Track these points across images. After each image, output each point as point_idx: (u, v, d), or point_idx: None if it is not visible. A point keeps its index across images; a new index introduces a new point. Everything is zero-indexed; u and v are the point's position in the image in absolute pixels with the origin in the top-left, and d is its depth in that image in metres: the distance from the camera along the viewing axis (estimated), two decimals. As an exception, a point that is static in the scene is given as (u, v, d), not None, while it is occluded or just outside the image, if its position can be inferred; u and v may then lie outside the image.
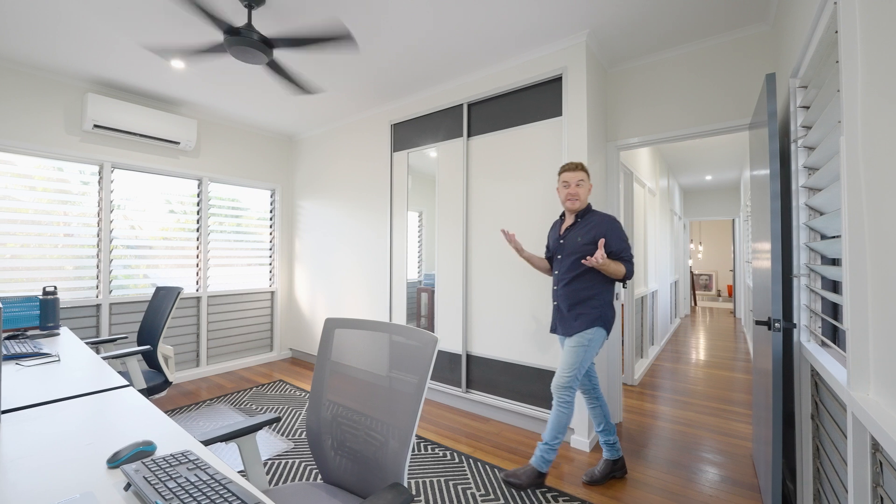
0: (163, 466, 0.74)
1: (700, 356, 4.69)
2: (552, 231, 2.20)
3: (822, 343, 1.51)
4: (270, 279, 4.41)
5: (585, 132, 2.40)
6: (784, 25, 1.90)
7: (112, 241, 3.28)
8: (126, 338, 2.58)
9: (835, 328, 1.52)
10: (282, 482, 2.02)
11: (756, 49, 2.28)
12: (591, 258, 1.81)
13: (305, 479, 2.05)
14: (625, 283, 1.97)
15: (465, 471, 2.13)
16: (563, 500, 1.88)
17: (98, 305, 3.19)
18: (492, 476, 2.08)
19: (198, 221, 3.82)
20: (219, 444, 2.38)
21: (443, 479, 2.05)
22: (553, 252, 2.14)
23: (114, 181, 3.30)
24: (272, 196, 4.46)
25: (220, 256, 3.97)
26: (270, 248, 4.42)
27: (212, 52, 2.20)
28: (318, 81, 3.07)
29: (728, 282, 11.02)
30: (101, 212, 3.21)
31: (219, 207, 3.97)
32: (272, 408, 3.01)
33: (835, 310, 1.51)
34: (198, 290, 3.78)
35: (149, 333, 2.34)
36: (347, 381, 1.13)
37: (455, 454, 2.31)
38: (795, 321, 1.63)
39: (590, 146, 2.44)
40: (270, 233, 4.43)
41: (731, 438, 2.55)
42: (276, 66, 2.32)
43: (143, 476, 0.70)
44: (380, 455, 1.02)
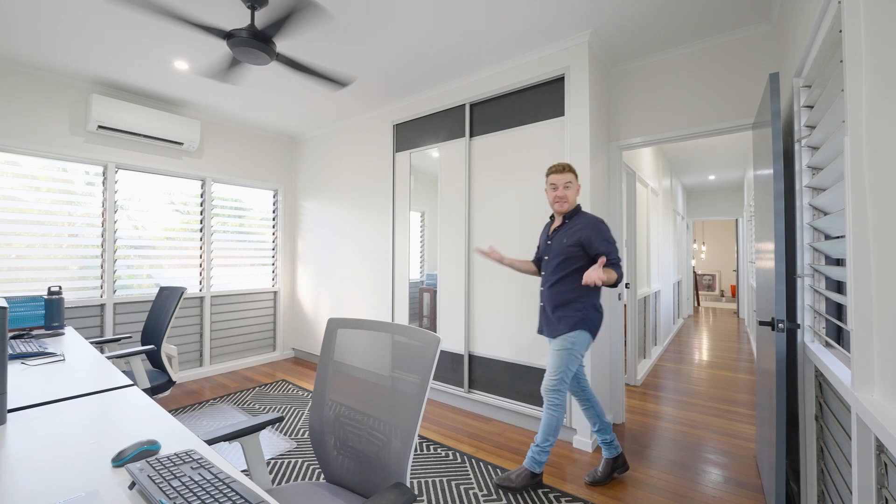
0: (167, 465, 0.74)
1: (703, 356, 4.68)
2: (542, 232, 2.20)
3: (826, 344, 1.50)
4: (273, 279, 4.42)
5: (588, 132, 2.40)
6: (787, 25, 1.89)
7: (116, 242, 3.30)
8: (130, 337, 2.60)
9: (839, 329, 1.51)
10: (285, 482, 2.03)
11: (759, 48, 2.27)
12: (589, 279, 1.73)
13: (308, 479, 2.06)
14: (616, 285, 1.89)
15: (468, 471, 2.13)
16: (566, 501, 1.87)
17: (102, 305, 3.20)
18: (494, 476, 2.08)
19: (201, 222, 3.83)
20: (222, 444, 2.38)
21: (445, 479, 2.05)
22: (542, 254, 2.14)
23: (118, 182, 3.32)
24: (275, 196, 4.47)
25: (224, 256, 3.98)
26: (273, 249, 4.44)
27: (232, 67, 2.22)
28: (321, 83, 3.08)
29: (731, 282, 10.98)
30: (106, 212, 3.23)
31: (222, 208, 3.99)
32: (275, 407, 3.02)
33: (839, 310, 1.50)
34: (201, 290, 3.79)
35: (152, 333, 2.35)
36: (350, 381, 1.14)
37: (457, 454, 2.31)
38: (799, 322, 1.62)
39: (592, 146, 2.44)
40: (273, 233, 4.45)
41: (735, 439, 2.54)
42: (296, 64, 2.26)
43: (148, 475, 0.71)
44: (382, 455, 1.02)
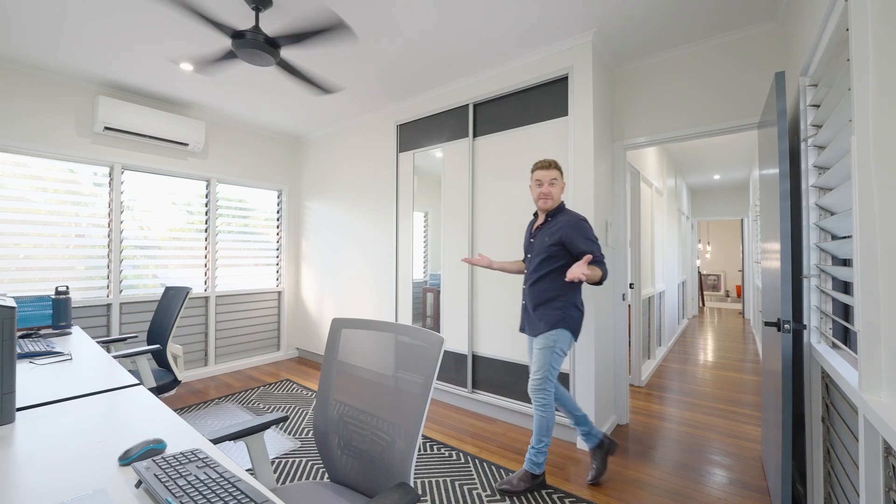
0: (173, 464, 0.75)
1: (708, 357, 4.65)
2: (526, 230, 2.19)
3: (833, 345, 1.49)
4: (277, 279, 4.44)
5: (592, 132, 2.39)
6: (793, 23, 1.88)
7: (122, 242, 3.33)
8: (136, 337, 2.61)
9: (846, 330, 1.50)
10: (289, 481, 2.03)
11: (764, 47, 2.25)
12: (573, 274, 1.71)
13: (312, 478, 2.07)
14: (600, 283, 1.86)
15: (472, 471, 2.13)
16: (570, 502, 1.87)
17: (109, 305, 3.23)
18: (498, 477, 2.08)
19: (206, 222, 3.86)
20: (227, 443, 2.40)
21: (449, 480, 2.05)
22: (525, 251, 2.14)
23: (124, 182, 3.34)
24: (279, 197, 4.49)
25: (228, 257, 4.01)
26: (277, 249, 4.45)
27: (225, 60, 2.22)
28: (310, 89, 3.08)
29: (737, 282, 10.90)
30: (112, 213, 3.26)
31: (226, 208, 4.01)
32: (279, 407, 3.04)
33: (846, 311, 1.49)
34: (206, 290, 3.82)
35: (158, 333, 2.37)
36: (354, 381, 1.14)
37: (461, 454, 2.31)
38: (805, 322, 1.61)
39: (596, 146, 2.43)
40: (277, 233, 4.47)
41: (740, 440, 2.53)
42: (291, 69, 2.32)
43: (154, 474, 0.72)
44: (386, 455, 1.02)
